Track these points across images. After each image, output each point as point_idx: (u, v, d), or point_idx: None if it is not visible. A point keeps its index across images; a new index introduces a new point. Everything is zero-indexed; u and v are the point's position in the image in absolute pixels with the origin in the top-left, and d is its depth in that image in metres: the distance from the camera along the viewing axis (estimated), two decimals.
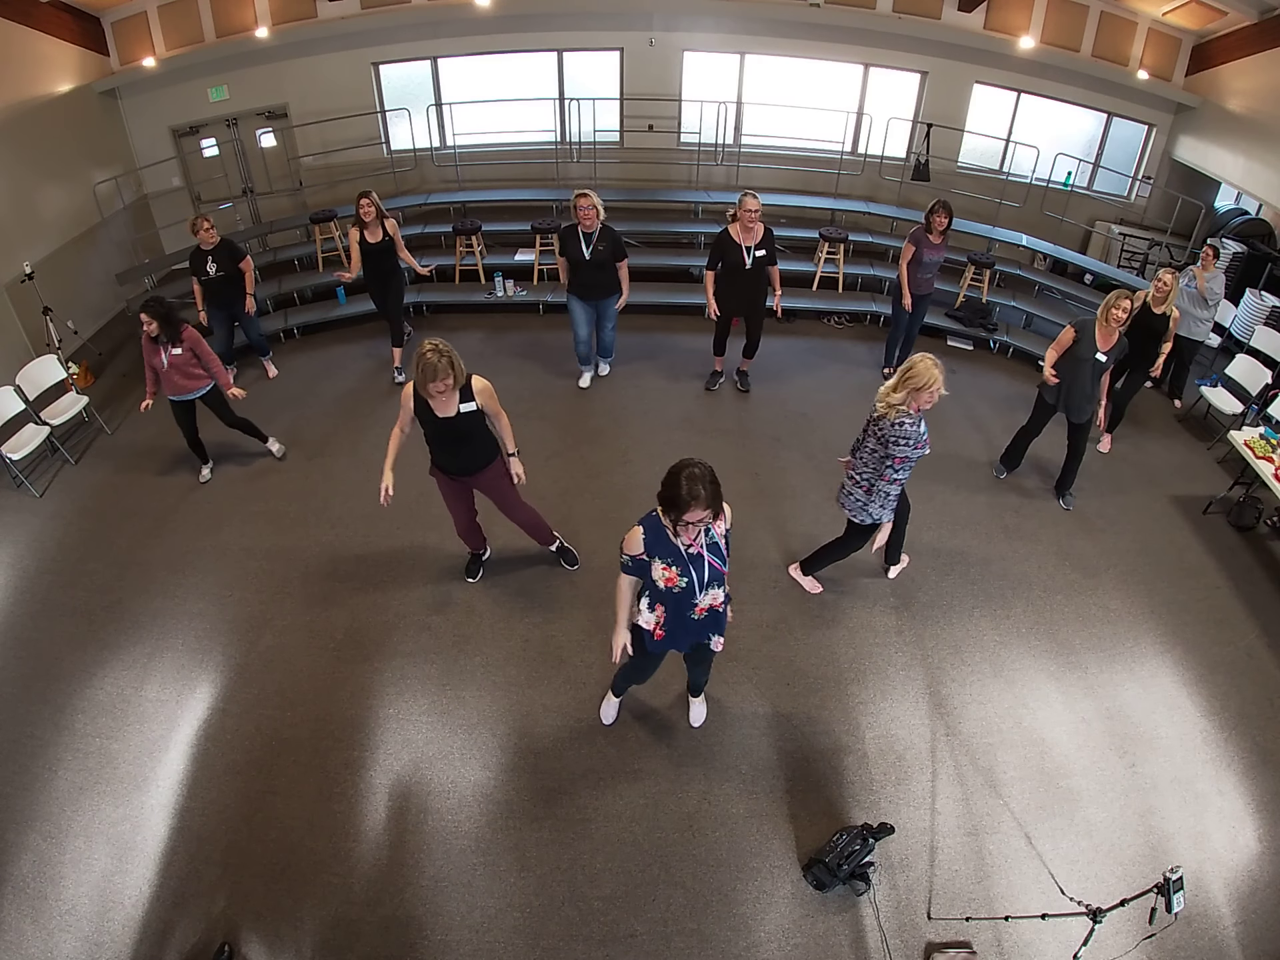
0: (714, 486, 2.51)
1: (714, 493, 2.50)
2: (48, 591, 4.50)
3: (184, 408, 5.02)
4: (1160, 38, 7.67)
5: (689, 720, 3.72)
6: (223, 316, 6.02)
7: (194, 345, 4.80)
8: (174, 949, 2.95)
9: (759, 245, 5.32)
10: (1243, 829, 3.40)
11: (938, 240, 5.75)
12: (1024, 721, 3.81)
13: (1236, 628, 4.37)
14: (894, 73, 8.29)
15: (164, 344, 4.72)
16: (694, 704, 3.72)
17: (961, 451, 5.68)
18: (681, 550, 2.72)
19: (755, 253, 5.32)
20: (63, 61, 6.94)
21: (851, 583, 4.53)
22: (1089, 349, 4.57)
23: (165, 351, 4.73)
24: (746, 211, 5.16)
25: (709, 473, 2.51)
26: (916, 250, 5.79)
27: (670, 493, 2.52)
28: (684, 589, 2.79)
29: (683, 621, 2.93)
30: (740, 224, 5.24)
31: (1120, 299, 4.47)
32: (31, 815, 3.37)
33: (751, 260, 5.33)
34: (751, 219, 5.18)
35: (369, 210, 5.62)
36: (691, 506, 2.47)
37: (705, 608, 2.90)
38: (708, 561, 2.77)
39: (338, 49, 7.87)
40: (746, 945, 2.99)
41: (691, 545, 2.71)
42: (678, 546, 2.71)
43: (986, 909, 3.09)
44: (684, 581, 2.77)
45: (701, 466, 2.50)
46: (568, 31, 8.04)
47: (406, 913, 3.06)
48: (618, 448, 5.58)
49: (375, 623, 4.25)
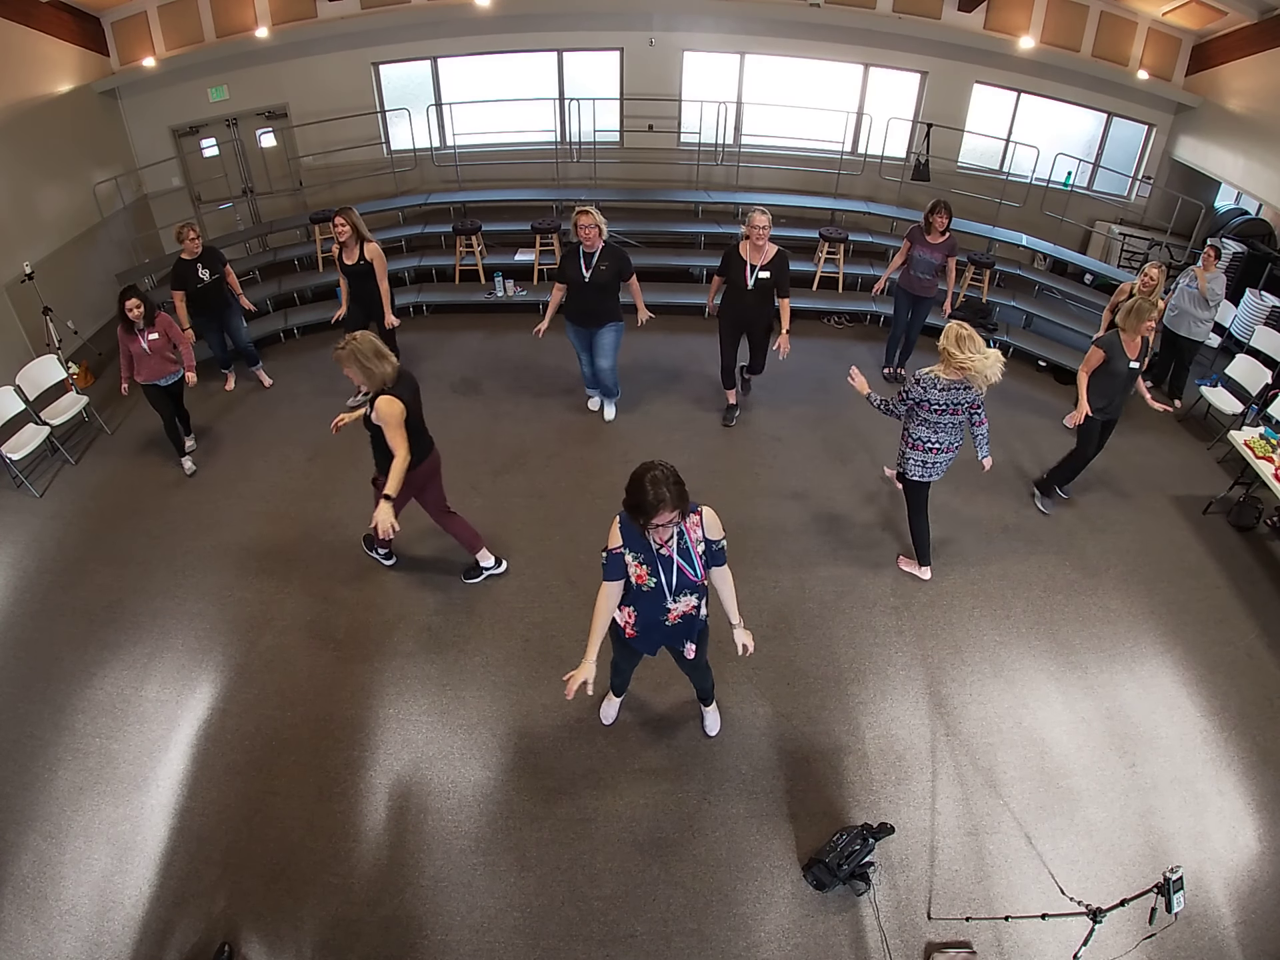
0: (678, 487, 2.49)
1: (679, 493, 2.49)
2: (48, 591, 4.50)
3: (161, 393, 5.14)
4: (1160, 38, 7.67)
5: (704, 729, 3.69)
6: (214, 325, 5.98)
7: (167, 328, 5.02)
8: (174, 949, 2.95)
9: (764, 266, 5.05)
10: (1243, 829, 3.40)
11: (936, 240, 5.70)
12: (1024, 721, 3.81)
13: (1236, 628, 4.37)
14: (894, 73, 8.29)
15: (142, 330, 4.89)
16: (706, 713, 3.69)
17: (962, 451, 5.66)
18: (653, 548, 2.70)
19: (759, 273, 5.05)
20: (63, 61, 6.94)
21: (852, 583, 4.53)
22: (1121, 361, 4.55)
23: (143, 337, 4.90)
24: (753, 228, 4.89)
25: (672, 474, 2.50)
26: (910, 248, 5.78)
27: (636, 499, 2.50)
28: (653, 589, 2.77)
29: (654, 624, 2.91)
30: (749, 241, 5.00)
31: (1152, 310, 4.46)
32: (31, 815, 3.37)
33: (754, 280, 5.07)
34: (759, 236, 4.91)
35: (342, 230, 5.27)
36: (659, 510, 2.46)
37: (679, 614, 2.87)
38: (677, 565, 2.74)
39: (338, 49, 7.86)
40: (746, 945, 2.99)
41: (663, 547, 2.69)
42: (649, 543, 2.69)
43: (986, 909, 3.09)
44: (653, 581, 2.75)
45: (664, 468, 2.49)
46: (568, 31, 8.04)
47: (406, 913, 3.06)
48: (618, 448, 5.58)
49: (375, 623, 4.25)
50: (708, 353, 6.31)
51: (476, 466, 5.31)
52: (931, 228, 5.67)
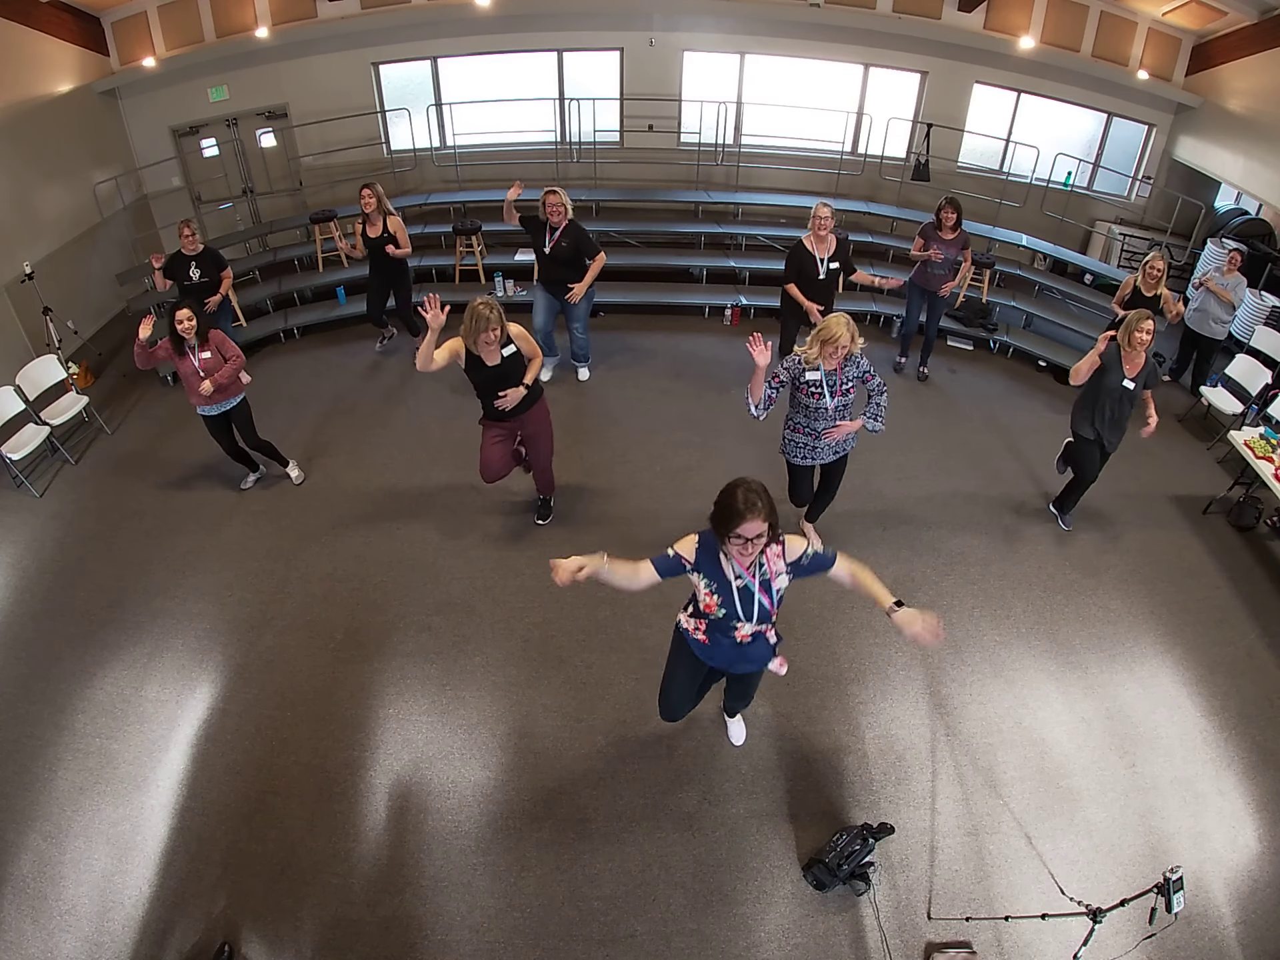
0: (769, 500, 2.36)
1: (770, 507, 2.35)
2: (48, 591, 4.50)
3: (216, 422, 4.75)
4: (1160, 38, 7.67)
5: (729, 738, 3.66)
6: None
7: (220, 345, 4.54)
8: (174, 949, 2.95)
9: (833, 257, 5.29)
10: (1243, 829, 3.40)
11: (948, 236, 5.74)
12: (1024, 721, 3.81)
13: (1236, 628, 4.37)
14: (894, 73, 8.29)
15: (193, 347, 4.44)
16: (730, 724, 3.67)
17: (963, 451, 5.68)
18: (730, 580, 2.56)
19: (829, 264, 5.30)
20: (63, 61, 6.94)
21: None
22: (1115, 375, 4.33)
23: (194, 355, 4.45)
24: (818, 219, 5.14)
25: (763, 489, 2.37)
26: (924, 245, 5.80)
27: (725, 503, 2.37)
28: (721, 619, 2.66)
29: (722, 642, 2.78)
30: (813, 234, 5.23)
31: (1142, 320, 4.17)
32: (31, 815, 3.37)
33: (825, 271, 5.30)
34: (823, 226, 5.15)
35: (369, 202, 5.68)
36: (748, 516, 2.30)
37: (748, 634, 2.73)
38: (758, 598, 2.58)
39: (338, 49, 7.86)
40: (746, 945, 2.99)
41: (745, 573, 2.54)
42: (726, 575, 2.56)
43: (986, 909, 3.09)
44: (721, 612, 2.63)
45: (755, 483, 2.37)
46: (568, 31, 8.04)
47: (406, 913, 3.06)
48: (618, 448, 5.58)
49: (375, 623, 4.25)
50: (709, 352, 6.32)
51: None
52: (942, 224, 5.70)
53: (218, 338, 4.56)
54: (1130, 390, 4.35)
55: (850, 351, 3.78)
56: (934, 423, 6.00)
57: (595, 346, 6.51)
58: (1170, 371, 6.83)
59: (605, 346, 6.75)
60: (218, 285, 5.73)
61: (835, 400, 3.89)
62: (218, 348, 4.54)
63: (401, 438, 5.64)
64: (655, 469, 5.36)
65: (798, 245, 5.37)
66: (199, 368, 4.47)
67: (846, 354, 3.77)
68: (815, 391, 3.87)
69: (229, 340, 4.64)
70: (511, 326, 4.07)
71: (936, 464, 5.53)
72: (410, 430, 5.76)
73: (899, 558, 4.70)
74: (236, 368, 4.61)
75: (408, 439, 5.60)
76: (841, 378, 3.86)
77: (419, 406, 6.05)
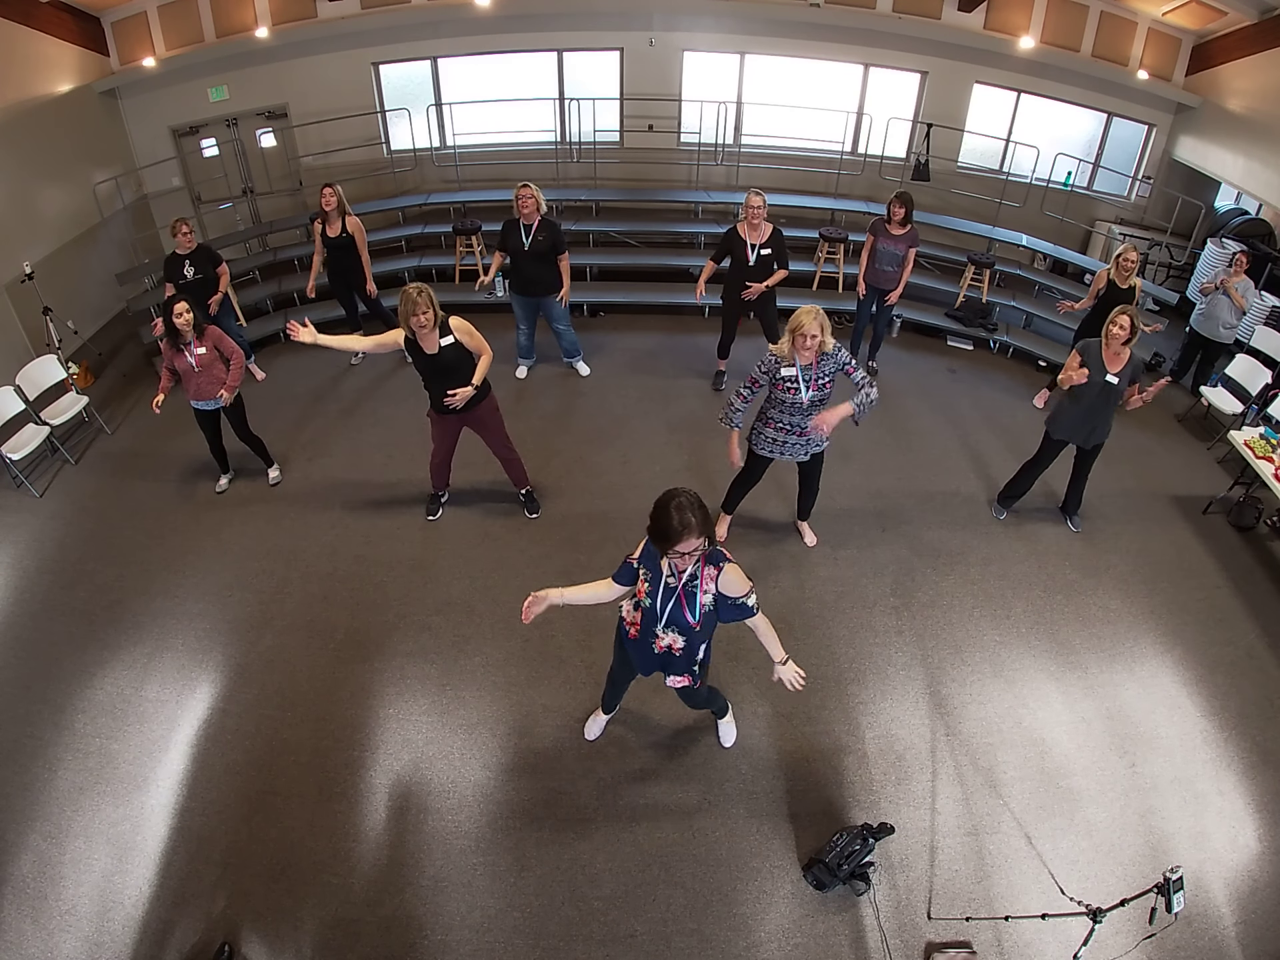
0: (703, 512, 2.42)
1: (704, 518, 2.41)
2: (48, 591, 4.50)
3: (208, 416, 4.81)
4: (1160, 38, 7.67)
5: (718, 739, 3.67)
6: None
7: (217, 342, 4.56)
8: (174, 949, 2.95)
9: (764, 244, 5.37)
10: (1243, 829, 3.40)
11: (897, 231, 5.72)
12: (1024, 721, 3.81)
13: (1236, 628, 4.37)
14: (894, 73, 8.28)
15: (188, 343, 4.47)
16: (720, 725, 3.68)
17: (963, 451, 5.68)
18: (661, 574, 2.68)
19: (760, 251, 5.38)
20: (63, 61, 6.93)
21: (852, 583, 4.53)
22: (1097, 371, 4.31)
23: (189, 351, 4.48)
24: (750, 208, 5.24)
25: (696, 500, 2.44)
26: (873, 240, 5.82)
27: (660, 525, 2.43)
28: (648, 608, 2.75)
29: (645, 642, 2.89)
30: (746, 221, 5.33)
31: (1118, 314, 4.19)
32: (31, 815, 3.37)
33: (756, 258, 5.38)
34: (756, 215, 5.25)
35: (329, 201, 5.69)
36: (684, 535, 2.39)
37: (664, 645, 2.82)
38: (678, 598, 2.68)
39: (338, 49, 7.86)
40: (746, 945, 2.99)
41: (673, 577, 2.66)
42: (660, 568, 2.68)
43: (986, 909, 3.09)
44: (649, 601, 2.73)
45: (688, 494, 2.44)
46: (568, 31, 8.03)
47: (406, 913, 3.06)
48: (618, 448, 5.58)
49: (375, 623, 4.25)
50: (709, 352, 6.32)
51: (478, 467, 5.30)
52: (891, 219, 5.70)
53: (214, 334, 4.58)
54: (1114, 385, 4.33)
55: (824, 346, 3.77)
56: (934, 423, 6.00)
57: (595, 346, 6.51)
58: (1171, 372, 6.82)
59: (605, 346, 6.76)
60: (213, 281, 5.67)
61: (810, 394, 3.90)
62: (214, 344, 4.58)
63: (401, 437, 5.64)
64: (655, 469, 5.36)
65: (731, 230, 5.49)
66: (194, 363, 4.51)
67: (820, 347, 3.77)
68: (791, 386, 3.90)
69: (226, 337, 4.65)
70: (453, 319, 4.09)
71: (936, 464, 5.53)
72: (410, 430, 5.74)
73: (899, 558, 4.70)
74: (240, 366, 4.70)
75: (407, 439, 5.59)
76: (818, 372, 3.87)
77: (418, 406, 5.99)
